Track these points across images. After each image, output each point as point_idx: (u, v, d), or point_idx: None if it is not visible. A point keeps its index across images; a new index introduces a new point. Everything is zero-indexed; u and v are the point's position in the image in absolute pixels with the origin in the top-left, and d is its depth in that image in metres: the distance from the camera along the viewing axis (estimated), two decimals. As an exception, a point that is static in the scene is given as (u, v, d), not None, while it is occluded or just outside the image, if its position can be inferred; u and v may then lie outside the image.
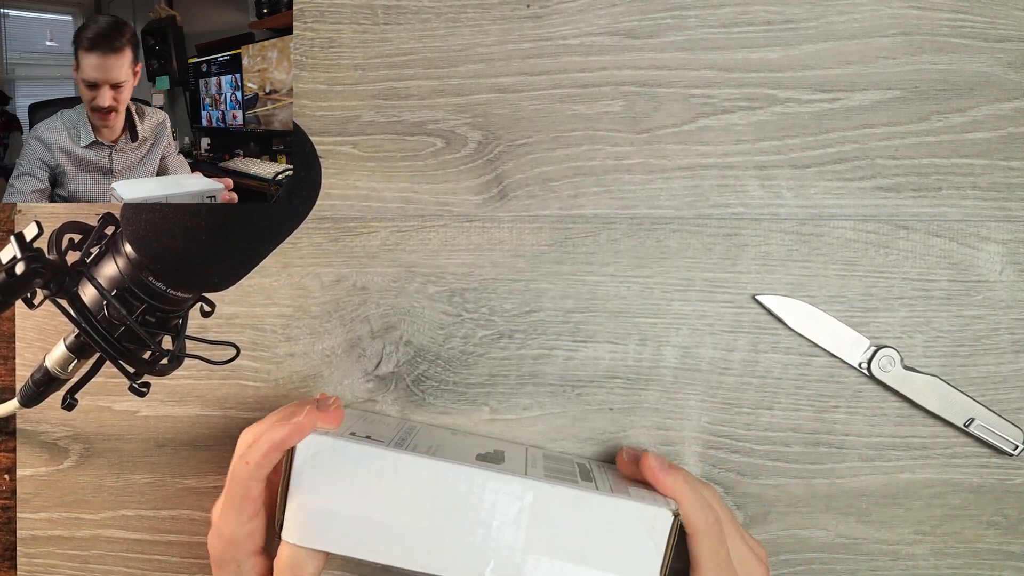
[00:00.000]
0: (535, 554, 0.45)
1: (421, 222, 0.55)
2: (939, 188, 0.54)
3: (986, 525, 0.54)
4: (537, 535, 0.45)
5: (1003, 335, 0.54)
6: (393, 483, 0.45)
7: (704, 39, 0.54)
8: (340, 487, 0.45)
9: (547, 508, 0.45)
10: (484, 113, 0.54)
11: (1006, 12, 0.54)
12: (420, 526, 0.44)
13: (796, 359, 0.54)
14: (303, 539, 0.45)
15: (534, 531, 0.45)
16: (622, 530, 0.45)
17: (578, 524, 0.45)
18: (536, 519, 0.45)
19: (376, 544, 0.45)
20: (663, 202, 0.54)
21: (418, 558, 0.45)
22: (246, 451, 0.45)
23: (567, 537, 0.45)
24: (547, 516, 0.45)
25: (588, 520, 0.45)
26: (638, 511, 0.45)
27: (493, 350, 0.55)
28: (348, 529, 0.45)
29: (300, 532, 0.45)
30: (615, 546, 0.45)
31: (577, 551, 0.45)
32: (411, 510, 0.45)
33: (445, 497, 0.45)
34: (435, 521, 0.45)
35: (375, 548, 0.45)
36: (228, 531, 0.46)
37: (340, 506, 0.45)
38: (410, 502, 0.45)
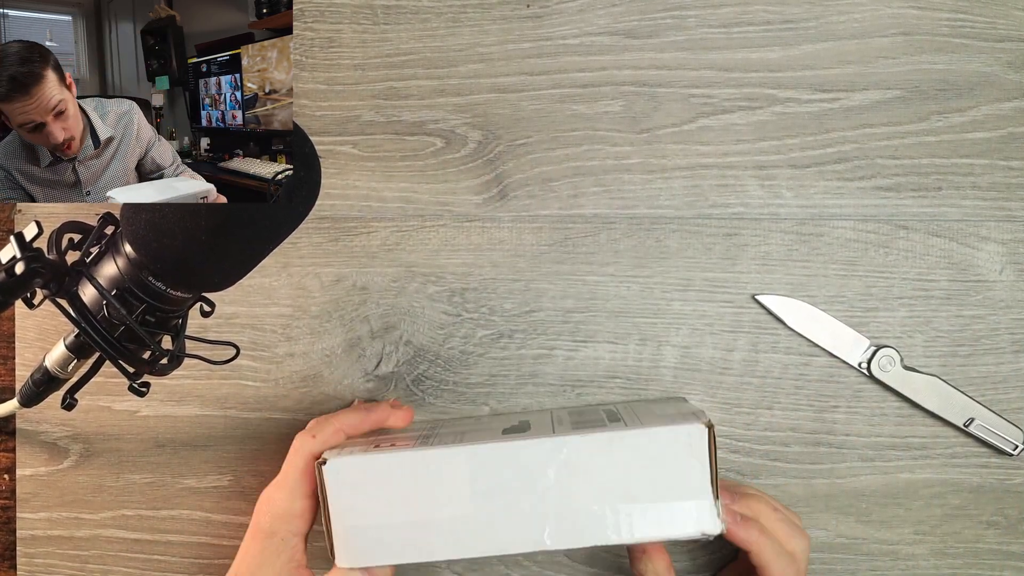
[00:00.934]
0: (587, 505, 0.44)
1: (421, 222, 0.55)
2: (939, 188, 0.54)
3: (986, 525, 0.54)
4: (583, 486, 0.44)
5: (1003, 335, 0.54)
6: (428, 480, 0.45)
7: (704, 39, 0.54)
8: (379, 500, 0.45)
9: (584, 458, 0.44)
10: (484, 113, 0.54)
11: (1006, 12, 0.54)
12: (466, 513, 0.44)
13: (796, 359, 0.54)
14: (357, 560, 0.45)
15: (579, 483, 0.44)
16: (663, 457, 0.44)
17: (619, 464, 0.44)
18: (577, 472, 0.44)
19: (429, 544, 0.45)
20: (663, 202, 0.54)
21: (474, 545, 0.44)
22: (313, 425, 0.46)
23: (612, 480, 0.44)
24: (586, 466, 0.44)
25: (627, 458, 0.44)
26: (671, 434, 0.44)
27: (493, 350, 0.55)
28: (398, 538, 0.45)
29: (352, 554, 0.45)
30: (662, 474, 0.44)
31: (626, 490, 0.44)
32: (453, 501, 0.44)
33: (482, 478, 0.44)
34: (480, 504, 0.44)
35: (429, 548, 0.45)
36: (282, 505, 0.46)
37: (384, 518, 0.45)
38: (450, 494, 0.44)
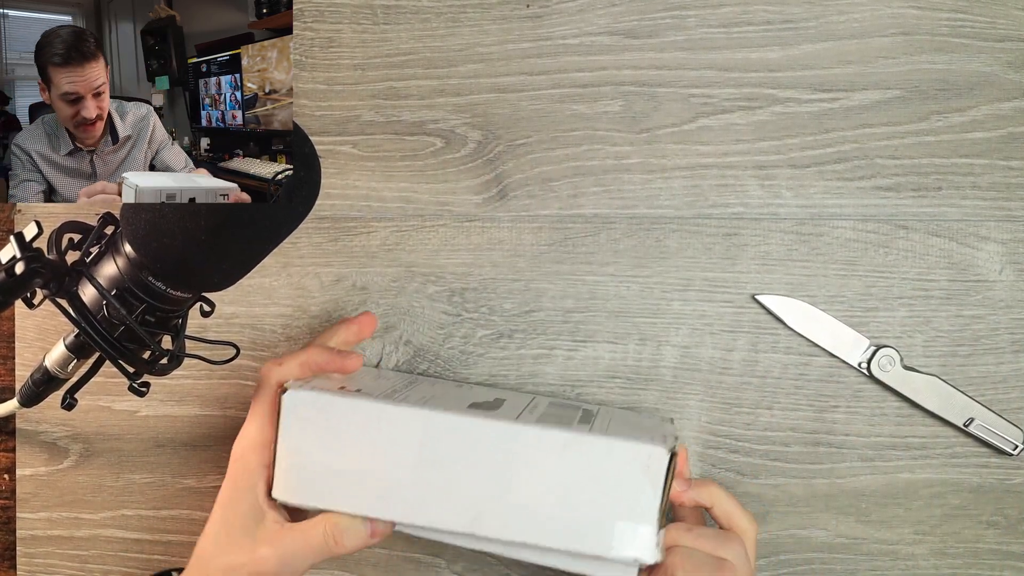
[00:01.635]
0: (524, 500, 0.43)
1: (421, 222, 0.55)
2: (939, 188, 0.54)
3: (986, 525, 0.54)
4: (526, 480, 0.43)
5: (1003, 335, 0.54)
6: (380, 436, 0.44)
7: (704, 39, 0.54)
8: (328, 442, 0.44)
9: (536, 454, 0.43)
10: (484, 113, 0.54)
11: (1006, 12, 0.54)
12: (408, 478, 0.43)
13: (796, 359, 0.54)
14: (290, 496, 0.44)
15: (523, 476, 0.43)
16: (616, 472, 0.42)
17: (569, 468, 0.43)
18: (525, 464, 0.43)
19: (364, 499, 0.44)
20: (663, 202, 0.54)
21: (405, 511, 0.43)
22: (284, 354, 0.46)
23: (558, 482, 0.43)
24: (536, 460, 0.43)
25: (580, 464, 0.43)
26: (631, 451, 0.42)
27: (493, 350, 0.55)
28: (336, 485, 0.44)
29: (288, 489, 0.44)
30: (610, 489, 0.42)
31: (570, 497, 0.43)
32: (398, 462, 0.43)
33: (431, 447, 0.43)
34: (422, 472, 0.43)
35: (362, 503, 0.44)
36: (250, 435, 0.46)
37: (328, 462, 0.44)
38: (397, 453, 0.43)
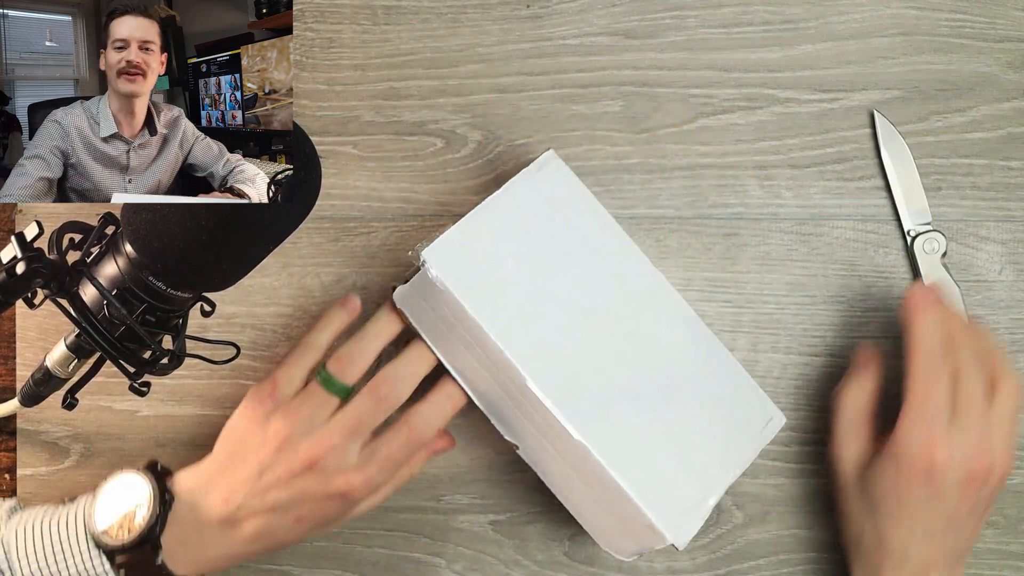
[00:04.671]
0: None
1: (421, 222, 0.55)
2: (939, 188, 0.54)
3: (986, 525, 0.54)
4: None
5: (1003, 335, 0.54)
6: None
7: (704, 39, 0.54)
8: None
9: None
10: (484, 113, 0.54)
11: (1006, 12, 0.54)
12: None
13: (796, 359, 0.54)
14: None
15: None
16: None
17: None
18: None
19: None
20: (663, 202, 0.54)
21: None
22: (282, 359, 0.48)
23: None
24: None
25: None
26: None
27: (493, 350, 0.54)
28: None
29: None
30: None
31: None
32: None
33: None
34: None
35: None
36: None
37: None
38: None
